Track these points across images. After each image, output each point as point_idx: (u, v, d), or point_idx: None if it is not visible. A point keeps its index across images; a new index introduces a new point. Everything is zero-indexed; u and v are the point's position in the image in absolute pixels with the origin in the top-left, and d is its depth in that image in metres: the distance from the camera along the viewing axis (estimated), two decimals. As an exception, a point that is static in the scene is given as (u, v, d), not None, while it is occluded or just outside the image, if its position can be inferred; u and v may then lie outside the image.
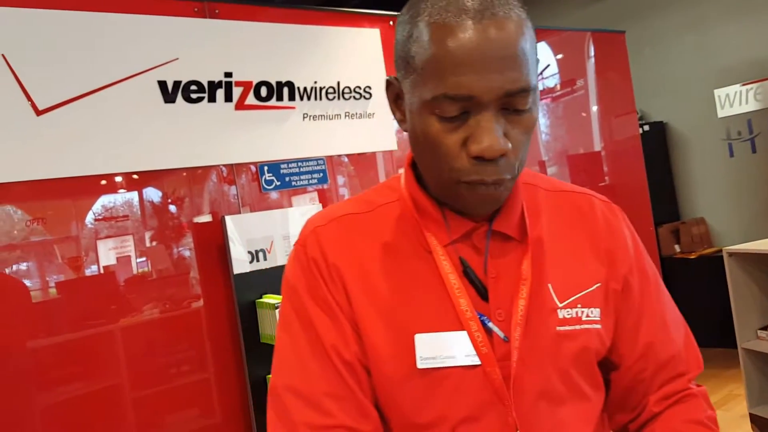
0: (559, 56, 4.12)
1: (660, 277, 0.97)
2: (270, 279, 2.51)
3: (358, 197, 0.91)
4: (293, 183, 2.75)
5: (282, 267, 2.54)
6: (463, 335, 0.78)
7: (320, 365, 0.78)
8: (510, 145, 0.73)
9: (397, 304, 0.80)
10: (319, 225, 0.86)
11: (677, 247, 5.04)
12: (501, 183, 0.75)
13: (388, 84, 0.83)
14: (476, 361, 0.78)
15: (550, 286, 0.83)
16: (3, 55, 2.10)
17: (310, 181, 2.81)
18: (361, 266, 0.81)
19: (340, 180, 2.97)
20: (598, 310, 0.85)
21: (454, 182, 0.76)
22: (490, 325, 0.79)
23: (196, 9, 2.55)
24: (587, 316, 0.84)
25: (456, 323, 0.78)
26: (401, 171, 0.90)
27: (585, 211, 0.92)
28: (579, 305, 0.84)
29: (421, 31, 0.72)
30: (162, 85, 2.41)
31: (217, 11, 2.60)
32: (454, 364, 0.77)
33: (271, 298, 2.44)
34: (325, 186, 2.85)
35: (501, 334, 0.79)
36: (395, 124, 3.08)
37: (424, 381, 0.78)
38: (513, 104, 0.72)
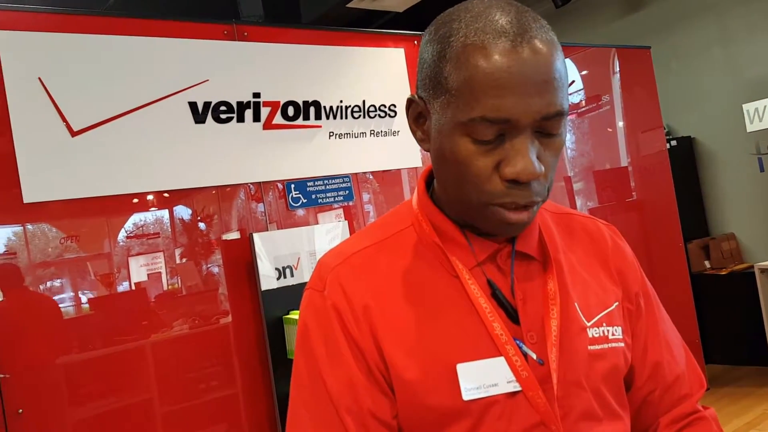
0: (584, 72, 4.11)
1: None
2: (297, 295, 2.52)
3: (368, 229, 0.88)
4: (319, 200, 2.78)
5: (309, 283, 2.56)
6: (501, 361, 0.76)
7: (327, 426, 0.76)
8: (543, 168, 0.72)
9: (430, 335, 0.77)
10: (336, 265, 0.81)
11: (707, 264, 4.96)
12: (532, 206, 0.74)
13: (410, 103, 0.80)
14: (518, 386, 0.76)
15: (576, 305, 0.82)
16: (39, 78, 2.18)
17: (336, 199, 2.83)
18: (387, 301, 0.78)
19: (365, 197, 2.99)
20: (620, 328, 0.84)
21: (482, 205, 0.74)
22: (525, 348, 0.77)
23: (225, 32, 2.61)
24: (612, 334, 0.83)
25: (492, 349, 0.76)
26: (414, 196, 0.87)
27: (593, 233, 0.92)
28: (604, 324, 0.83)
29: (456, 51, 0.70)
30: (192, 106, 2.47)
31: (245, 34, 2.66)
32: (498, 392, 0.75)
33: (298, 315, 2.46)
34: (351, 203, 2.88)
35: (535, 357, 0.77)
36: (420, 142, 3.10)
37: (471, 412, 0.75)
38: (547, 128, 0.71)
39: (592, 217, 0.95)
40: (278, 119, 2.68)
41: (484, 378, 0.75)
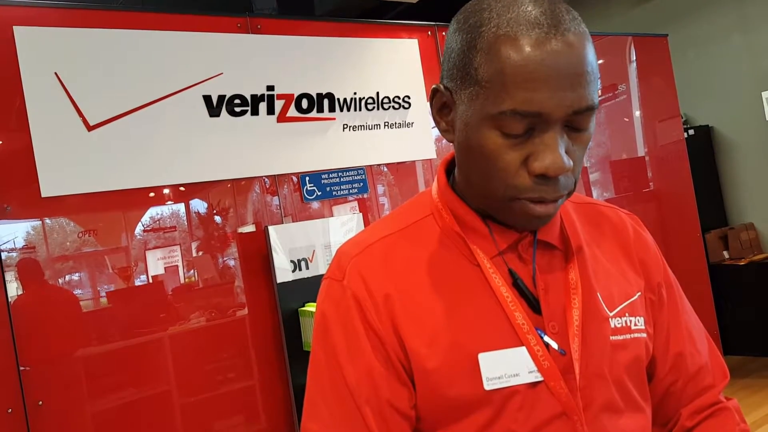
0: (600, 61, 4.07)
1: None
2: (312, 288, 2.54)
3: (387, 219, 0.87)
4: (334, 193, 2.78)
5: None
6: (522, 351, 0.75)
7: (345, 416, 0.76)
8: (571, 162, 0.71)
9: (452, 324, 0.76)
10: (356, 254, 0.80)
11: (726, 254, 4.91)
12: (558, 200, 0.74)
13: (435, 92, 0.78)
14: (539, 376, 0.75)
15: (598, 295, 0.82)
16: (56, 73, 2.19)
17: (351, 191, 2.83)
18: (408, 290, 0.78)
19: (380, 189, 2.99)
20: (642, 318, 0.84)
21: (508, 199, 0.73)
22: (546, 338, 0.76)
23: (239, 25, 2.61)
24: (635, 325, 0.83)
25: (513, 338, 0.76)
26: (434, 185, 0.87)
27: (615, 223, 0.91)
28: (627, 314, 0.83)
29: (488, 42, 0.69)
30: (207, 99, 2.47)
31: (259, 26, 2.66)
32: (519, 382, 0.75)
33: (313, 307, 2.47)
34: (366, 195, 2.88)
35: (557, 347, 0.76)
36: (434, 133, 3.09)
37: (492, 402, 0.75)
38: (577, 122, 0.71)
39: (615, 207, 0.94)
40: (292, 112, 2.68)
41: (505, 368, 0.75)
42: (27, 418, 2.03)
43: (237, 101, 2.54)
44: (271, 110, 2.62)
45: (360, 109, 2.86)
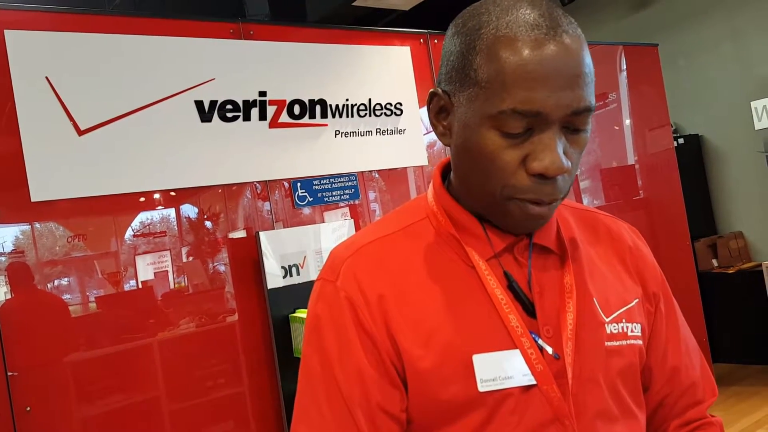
0: (591, 70, 4.10)
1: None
2: (303, 294, 2.53)
3: (382, 221, 0.87)
4: (325, 199, 2.78)
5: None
6: (516, 354, 0.75)
7: (337, 419, 0.75)
8: (569, 163, 0.72)
9: (446, 325, 0.76)
10: (350, 255, 0.80)
11: (715, 262, 4.94)
12: (555, 201, 0.74)
13: (432, 96, 0.78)
14: (533, 380, 0.75)
15: (595, 300, 0.81)
16: (47, 77, 2.18)
17: (342, 197, 2.84)
18: (402, 291, 0.77)
19: (371, 195, 2.99)
20: (639, 325, 0.84)
21: (505, 199, 0.74)
22: (541, 342, 0.76)
23: (231, 30, 2.61)
24: (632, 331, 0.82)
25: (507, 341, 0.75)
26: (429, 189, 0.87)
27: (613, 231, 0.91)
28: (624, 320, 0.82)
29: (488, 43, 0.70)
30: (199, 104, 2.47)
31: (251, 32, 2.66)
32: (513, 384, 0.75)
33: (304, 313, 2.47)
34: (357, 201, 2.88)
35: (551, 351, 0.76)
36: (426, 139, 3.10)
37: (485, 404, 0.74)
38: (575, 123, 0.71)
39: (614, 217, 0.95)
40: (284, 118, 2.68)
41: (499, 370, 0.75)
42: (14, 424, 2.01)
43: (229, 107, 2.54)
44: (263, 116, 2.62)
45: (352, 116, 2.87)
